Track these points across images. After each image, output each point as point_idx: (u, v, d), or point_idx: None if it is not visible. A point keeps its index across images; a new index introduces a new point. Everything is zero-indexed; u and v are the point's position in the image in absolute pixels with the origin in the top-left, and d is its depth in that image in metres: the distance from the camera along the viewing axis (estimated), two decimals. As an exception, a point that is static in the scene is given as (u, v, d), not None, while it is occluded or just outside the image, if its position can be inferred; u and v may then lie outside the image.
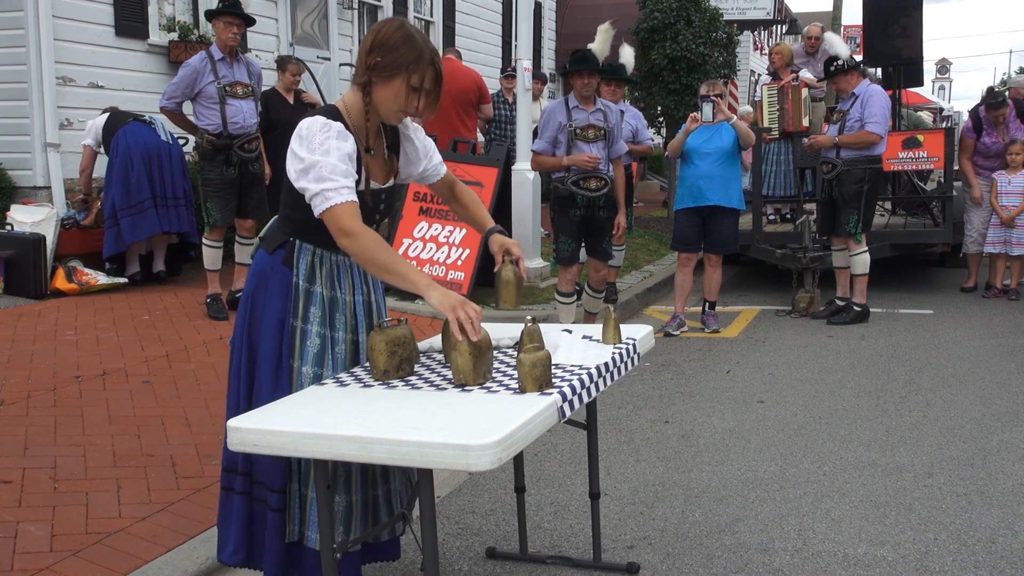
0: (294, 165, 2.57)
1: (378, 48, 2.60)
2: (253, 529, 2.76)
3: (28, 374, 5.06)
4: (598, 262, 6.41)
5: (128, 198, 7.00)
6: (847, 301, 7.56)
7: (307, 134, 2.55)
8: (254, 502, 2.75)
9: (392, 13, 12.53)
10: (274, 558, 2.68)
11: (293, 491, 2.67)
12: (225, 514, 2.81)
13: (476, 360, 2.47)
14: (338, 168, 2.53)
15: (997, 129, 8.66)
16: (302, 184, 2.54)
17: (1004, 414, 5.05)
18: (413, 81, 2.61)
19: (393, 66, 2.59)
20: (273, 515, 2.67)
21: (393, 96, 2.63)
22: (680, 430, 4.86)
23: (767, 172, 9.34)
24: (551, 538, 3.60)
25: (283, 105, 7.90)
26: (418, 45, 2.61)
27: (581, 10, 17.60)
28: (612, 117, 6.18)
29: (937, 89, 39.75)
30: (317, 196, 2.52)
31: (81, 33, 7.91)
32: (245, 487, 2.74)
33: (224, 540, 2.81)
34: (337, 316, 2.72)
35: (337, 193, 2.51)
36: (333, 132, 2.56)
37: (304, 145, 2.55)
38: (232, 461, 2.76)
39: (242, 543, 2.76)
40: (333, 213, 2.51)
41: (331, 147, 2.54)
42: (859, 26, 13.13)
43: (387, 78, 2.61)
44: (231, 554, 2.78)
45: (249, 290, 2.77)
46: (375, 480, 2.77)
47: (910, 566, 3.31)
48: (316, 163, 2.52)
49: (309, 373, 2.65)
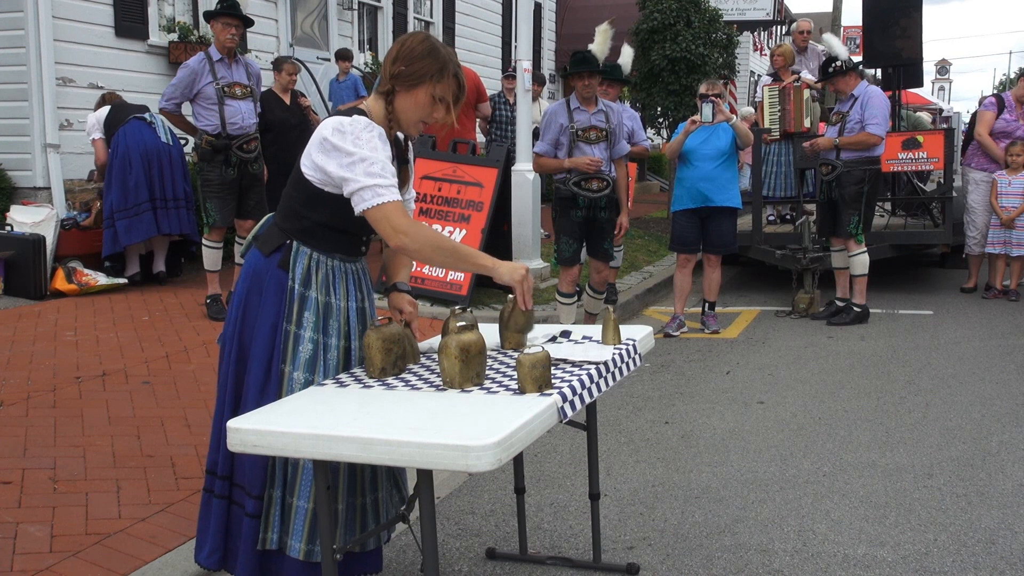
0: (337, 158, 2.54)
1: (403, 58, 2.64)
2: (231, 533, 2.75)
3: (28, 375, 5.06)
4: (599, 263, 6.41)
5: (125, 200, 7.02)
6: (847, 302, 7.56)
7: (351, 129, 2.55)
8: (233, 505, 2.74)
9: (392, 14, 12.54)
10: (247, 565, 2.67)
11: (274, 498, 2.64)
12: (204, 516, 2.81)
13: (463, 364, 2.47)
14: (388, 167, 2.57)
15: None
16: (346, 175, 2.53)
17: (1004, 415, 5.06)
18: (436, 92, 2.64)
19: (417, 76, 2.63)
20: (248, 520, 2.66)
21: (415, 105, 2.66)
22: (680, 431, 4.86)
23: (767, 173, 9.34)
24: (551, 539, 3.60)
25: (279, 106, 7.91)
26: (442, 57, 2.65)
27: (581, 11, 17.61)
28: (614, 118, 6.17)
29: (937, 90, 39.77)
30: (367, 190, 2.52)
31: (81, 34, 7.92)
32: (224, 490, 2.74)
33: (201, 542, 2.81)
34: (331, 322, 2.71)
35: (388, 191, 2.53)
36: (376, 133, 2.59)
37: (349, 139, 2.54)
38: (214, 464, 2.76)
39: (218, 545, 2.75)
40: (384, 210, 2.53)
41: (378, 145, 2.57)
42: (859, 27, 13.13)
43: (410, 87, 2.64)
44: (207, 556, 2.77)
45: (242, 291, 2.74)
46: (363, 488, 2.75)
47: (910, 567, 3.31)
48: (367, 158, 2.53)
49: (300, 379, 2.64)
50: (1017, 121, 8.65)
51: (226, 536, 2.76)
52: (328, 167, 2.57)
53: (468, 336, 2.49)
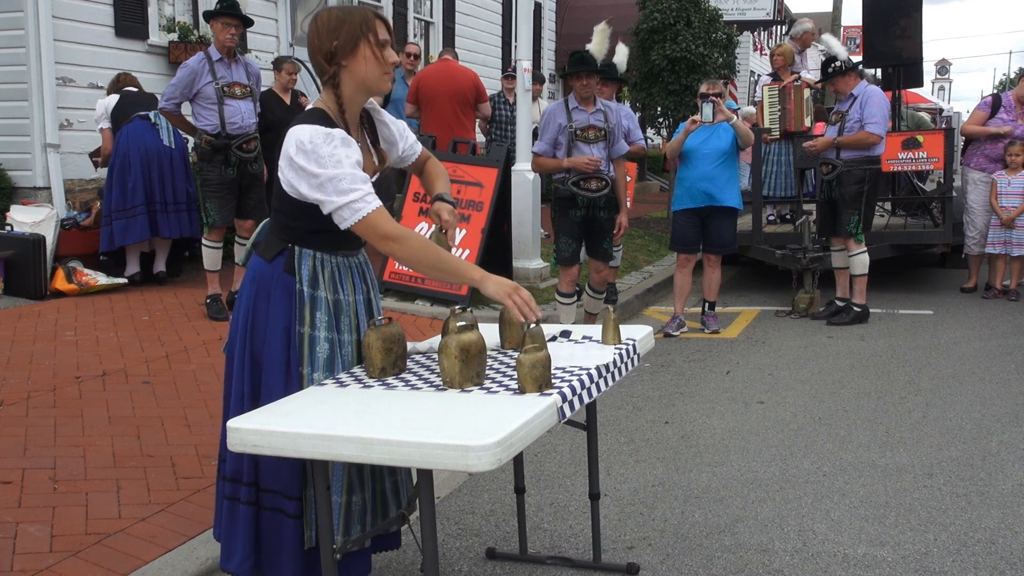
0: (305, 180, 2.52)
1: (328, 33, 2.60)
2: (261, 538, 2.73)
3: (28, 375, 5.06)
4: (598, 263, 6.42)
5: (124, 200, 7.06)
6: (847, 302, 7.56)
7: (311, 147, 2.51)
8: (263, 510, 2.71)
9: (392, 13, 12.54)
10: (292, 565, 2.67)
11: (310, 497, 2.63)
12: (230, 524, 2.76)
13: (463, 364, 2.47)
14: (357, 176, 2.53)
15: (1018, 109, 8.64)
16: (319, 197, 2.52)
17: (1004, 415, 5.05)
18: (374, 39, 2.61)
19: (351, 36, 2.60)
20: (291, 522, 2.65)
21: (367, 64, 2.62)
22: (680, 431, 4.86)
23: (767, 173, 9.34)
24: (551, 539, 3.60)
25: (279, 105, 7.90)
26: (355, 10, 2.64)
27: (581, 11, 17.61)
28: (613, 117, 6.18)
29: (937, 90, 39.79)
30: (344, 209, 2.51)
31: (81, 33, 7.91)
32: (251, 497, 2.71)
33: (230, 551, 2.76)
34: (342, 319, 2.71)
35: (365, 202, 2.51)
36: (337, 140, 2.54)
37: (312, 159, 2.50)
38: (238, 471, 2.72)
39: (250, 553, 2.72)
40: (369, 222, 2.52)
41: (341, 157, 2.52)
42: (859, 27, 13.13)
43: (352, 51, 2.61)
44: (239, 564, 2.73)
45: (248, 298, 2.72)
46: (381, 474, 2.77)
47: (910, 567, 3.31)
48: (334, 177, 2.49)
49: (320, 379, 2.63)
50: (1015, 121, 8.64)
51: (257, 543, 2.73)
52: (300, 188, 2.55)
53: (468, 336, 2.49)
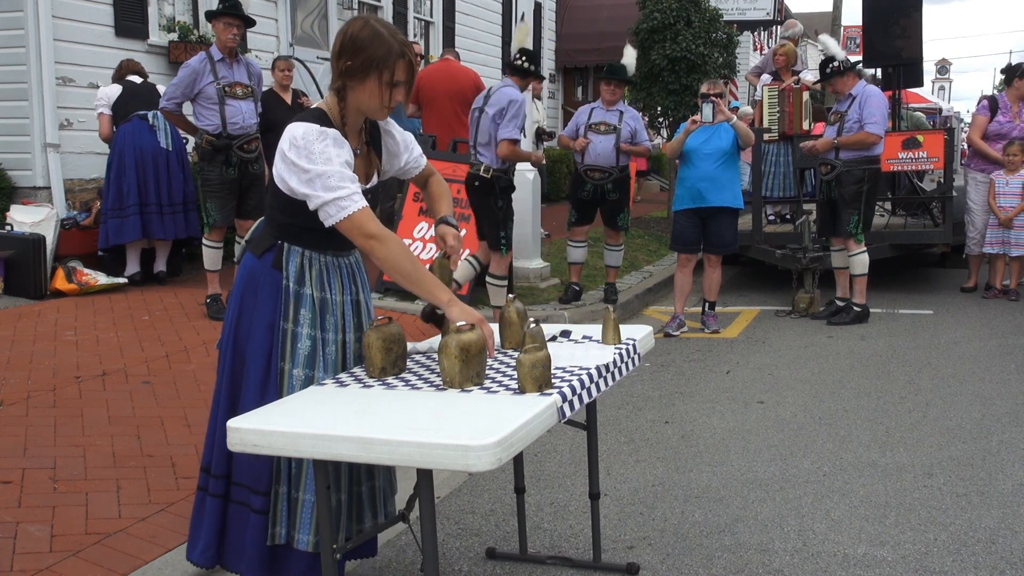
0: (296, 175, 2.54)
1: (347, 51, 2.58)
2: (226, 530, 2.77)
3: (28, 374, 5.06)
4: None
5: (119, 200, 7.08)
6: (847, 301, 7.56)
7: (303, 143, 2.53)
8: (231, 503, 2.75)
9: (392, 13, 12.53)
10: (256, 561, 2.68)
11: (280, 493, 2.66)
12: (198, 514, 2.82)
13: (463, 364, 2.47)
14: (345, 175, 2.54)
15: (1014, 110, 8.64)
16: (307, 192, 2.53)
17: (1004, 415, 5.05)
18: (386, 77, 2.59)
19: (364, 66, 2.57)
20: (256, 517, 2.67)
21: (370, 96, 2.61)
22: (680, 431, 4.86)
23: (766, 173, 9.34)
24: (551, 538, 3.60)
25: (280, 105, 7.89)
26: (386, 40, 2.57)
27: (581, 11, 17.60)
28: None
29: (937, 90, 39.75)
30: (330, 205, 2.52)
31: (81, 33, 7.91)
32: (220, 489, 2.75)
33: (194, 539, 2.82)
34: (328, 317, 2.72)
35: (351, 201, 2.52)
36: (330, 139, 2.55)
37: (303, 155, 2.52)
38: (208, 462, 2.77)
39: (211, 543, 2.77)
40: (354, 220, 2.53)
41: (332, 155, 2.53)
42: (859, 27, 13.13)
43: (361, 79, 2.59)
44: (200, 553, 2.79)
45: (237, 293, 2.75)
46: (359, 477, 2.78)
47: (910, 567, 3.31)
48: (322, 173, 2.51)
49: (300, 375, 2.65)
50: (1012, 122, 8.64)
51: (221, 534, 2.77)
52: (290, 183, 2.56)
53: (468, 336, 2.49)
